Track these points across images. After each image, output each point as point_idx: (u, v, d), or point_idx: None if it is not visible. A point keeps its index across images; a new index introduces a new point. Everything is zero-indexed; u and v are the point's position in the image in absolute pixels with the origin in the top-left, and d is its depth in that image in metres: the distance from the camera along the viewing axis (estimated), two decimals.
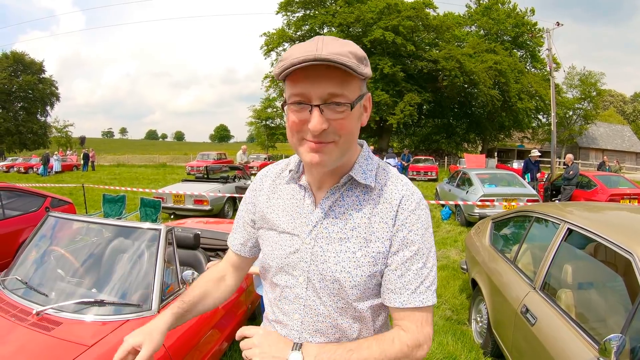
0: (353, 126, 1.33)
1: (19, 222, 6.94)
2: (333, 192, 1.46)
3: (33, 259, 3.76)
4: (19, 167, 35.47)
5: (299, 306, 1.47)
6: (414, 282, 1.38)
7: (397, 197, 1.41)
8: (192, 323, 3.40)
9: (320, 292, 1.43)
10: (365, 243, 1.39)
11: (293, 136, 1.35)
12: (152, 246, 3.49)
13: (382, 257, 1.39)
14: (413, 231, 1.38)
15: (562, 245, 3.50)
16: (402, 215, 1.39)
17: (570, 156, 15.28)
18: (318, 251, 1.43)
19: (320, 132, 1.26)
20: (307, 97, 1.25)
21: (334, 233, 1.42)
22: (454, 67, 38.66)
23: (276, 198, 1.60)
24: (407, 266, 1.38)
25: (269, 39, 46.08)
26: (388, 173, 1.49)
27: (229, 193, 12.48)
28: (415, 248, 1.38)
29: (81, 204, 12.32)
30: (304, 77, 1.24)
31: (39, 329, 2.83)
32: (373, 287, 1.42)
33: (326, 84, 1.23)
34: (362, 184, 1.44)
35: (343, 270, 1.39)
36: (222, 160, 34.71)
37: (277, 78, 1.31)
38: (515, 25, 48.18)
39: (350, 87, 1.27)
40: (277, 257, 1.52)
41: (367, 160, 1.49)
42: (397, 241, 1.38)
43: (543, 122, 49.60)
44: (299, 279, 1.47)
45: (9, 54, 63.76)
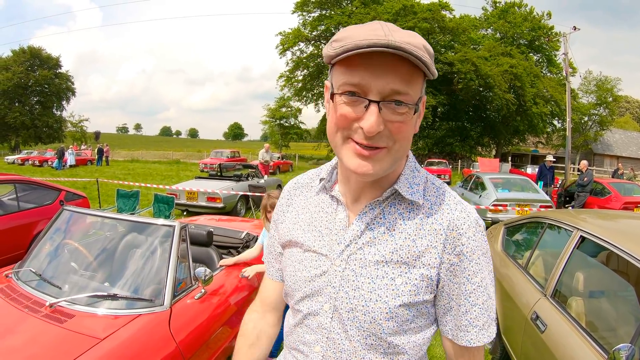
0: (410, 132, 1.14)
1: (34, 215, 7.00)
2: (372, 207, 1.25)
3: (47, 251, 3.80)
4: (34, 160, 35.72)
5: (321, 337, 1.28)
6: (481, 318, 1.21)
7: (450, 217, 1.20)
8: (202, 320, 3.42)
9: (348, 324, 1.22)
10: (408, 269, 1.18)
11: (337, 133, 1.14)
12: (165, 242, 3.52)
13: (426, 285, 1.19)
14: (474, 260, 1.19)
15: (575, 252, 3.48)
16: (459, 241, 1.18)
17: (584, 162, 15.17)
18: (349, 275, 1.22)
19: (374, 135, 1.07)
20: (364, 89, 1.06)
21: (371, 255, 1.21)
22: (469, 70, 38.53)
23: (304, 212, 1.41)
24: (471, 301, 1.20)
25: (284, 39, 46.17)
26: (438, 188, 1.28)
27: (242, 191, 12.48)
28: (478, 279, 1.20)
29: (95, 199, 12.40)
30: (365, 65, 1.04)
31: (51, 321, 2.85)
32: (412, 320, 1.21)
33: (391, 77, 1.04)
34: (407, 199, 1.24)
35: (379, 300, 1.18)
36: (235, 158, 34.84)
37: (328, 61, 1.13)
38: (531, 29, 47.85)
39: (415, 87, 1.09)
40: (300, 279, 1.33)
41: (413, 172, 1.28)
42: (456, 272, 1.19)
43: (558, 128, 49.23)
44: (324, 306, 1.27)
45: (26, 49, 64.28)
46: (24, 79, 62.37)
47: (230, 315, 3.88)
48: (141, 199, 10.78)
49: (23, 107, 63.52)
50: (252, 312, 1.67)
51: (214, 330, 3.53)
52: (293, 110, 55.38)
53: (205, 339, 3.38)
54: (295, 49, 46.58)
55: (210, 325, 3.51)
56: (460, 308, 1.20)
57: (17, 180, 7.26)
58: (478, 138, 49.35)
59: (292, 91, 49.51)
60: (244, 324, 1.65)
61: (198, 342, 3.27)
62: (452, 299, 1.21)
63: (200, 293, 3.54)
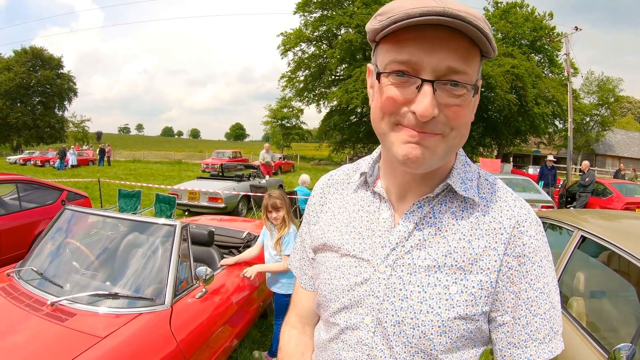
0: (468, 118, 0.99)
1: (35, 214, 7.01)
2: (421, 205, 1.09)
3: (49, 250, 3.82)
4: (36, 160, 35.70)
5: (361, 354, 1.11)
6: (542, 330, 1.03)
7: (510, 215, 1.04)
8: (203, 319, 3.44)
9: (393, 339, 1.06)
10: (463, 274, 1.02)
11: (383, 119, 0.99)
12: (167, 242, 3.53)
13: (486, 295, 1.02)
14: (537, 263, 1.02)
15: (575, 252, 3.48)
16: (520, 241, 1.02)
17: (586, 163, 15.16)
18: (396, 283, 1.06)
19: (429, 120, 0.93)
20: (415, 67, 0.91)
21: (420, 260, 1.05)
22: None
23: (340, 211, 1.25)
24: (533, 310, 1.02)
25: (286, 39, 46.14)
26: (493, 185, 1.12)
27: (244, 191, 12.49)
28: (541, 285, 1.03)
29: (97, 199, 12.41)
30: (416, 39, 0.90)
31: (53, 319, 2.86)
32: (467, 335, 1.04)
33: (447, 53, 0.89)
34: (460, 196, 1.08)
35: (430, 312, 1.02)
36: (237, 158, 34.86)
37: (373, 37, 1.00)
38: (533, 29, 47.75)
39: (475, 65, 0.95)
40: (337, 288, 1.17)
41: (465, 167, 1.12)
42: (514, 278, 1.02)
43: (560, 128, 49.16)
44: (365, 319, 1.10)
45: (28, 49, 64.43)
46: (26, 79, 62.47)
47: (231, 315, 3.89)
48: (143, 199, 10.77)
49: (25, 108, 63.64)
50: (291, 329, 1.45)
51: (214, 330, 3.54)
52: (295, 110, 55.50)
53: (206, 338, 3.39)
54: (296, 49, 46.59)
55: (211, 324, 3.52)
56: (519, 321, 1.03)
57: (19, 180, 7.28)
58: (480, 139, 49.28)
59: (293, 92, 49.49)
60: (285, 343, 1.44)
61: (199, 341, 3.28)
62: (507, 311, 1.04)
63: (201, 292, 3.55)
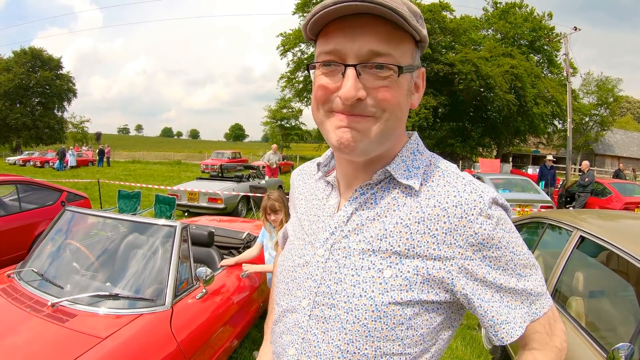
0: (400, 100, 0.99)
1: (35, 216, 7.01)
2: (363, 192, 1.10)
3: (49, 251, 3.83)
4: (35, 161, 35.69)
5: (296, 338, 1.12)
6: (525, 301, 1.04)
7: (456, 202, 1.01)
8: (204, 319, 3.45)
9: (328, 323, 1.06)
10: (399, 259, 1.01)
11: (318, 108, 1.04)
12: (167, 242, 3.54)
13: (421, 281, 1.00)
14: (502, 247, 1.01)
15: (574, 252, 3.49)
16: (472, 230, 0.99)
17: (586, 163, 15.13)
18: (332, 267, 1.08)
19: (353, 102, 0.95)
20: (340, 55, 0.96)
21: (355, 243, 1.06)
22: (470, 71, 38.44)
23: (301, 198, 1.32)
24: (513, 292, 1.03)
25: (285, 40, 46.14)
26: (443, 171, 1.09)
27: (243, 192, 12.51)
28: (512, 266, 1.02)
29: (96, 199, 12.41)
30: (340, 29, 0.95)
31: (53, 320, 2.87)
32: (408, 324, 1.01)
33: (368, 37, 0.93)
34: (403, 184, 1.07)
35: (364, 295, 1.01)
36: (236, 159, 34.85)
37: (307, 35, 1.03)
38: (532, 30, 47.73)
39: (401, 48, 0.97)
40: (284, 269, 1.23)
41: (414, 155, 1.11)
42: (475, 266, 1.00)
43: (559, 128, 49.14)
44: (302, 302, 1.12)
45: (27, 50, 64.37)
46: (25, 80, 62.42)
47: (232, 315, 3.90)
48: (142, 200, 10.78)
49: (24, 108, 63.58)
50: None
51: (215, 330, 3.54)
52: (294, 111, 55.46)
53: (206, 339, 3.40)
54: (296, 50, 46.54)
55: (212, 324, 3.53)
56: (502, 301, 1.03)
57: (18, 181, 7.28)
58: (479, 139, 49.25)
59: (293, 92, 49.49)
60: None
61: (199, 341, 3.29)
62: (490, 296, 1.02)
63: (201, 293, 3.56)
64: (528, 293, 1.04)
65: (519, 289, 1.03)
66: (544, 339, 1.08)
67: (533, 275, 1.06)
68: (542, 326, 1.07)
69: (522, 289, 1.03)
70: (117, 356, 2.64)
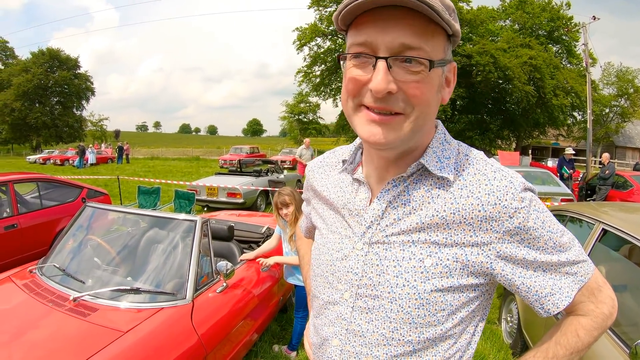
0: (431, 95, 0.99)
1: (56, 212, 7.12)
2: (396, 184, 1.10)
3: (70, 247, 3.86)
4: (55, 159, 36.14)
5: (339, 329, 1.15)
6: (570, 271, 1.07)
7: (488, 190, 1.03)
8: (224, 313, 3.46)
9: (372, 313, 1.09)
10: (437, 248, 1.04)
11: (348, 101, 1.03)
12: (187, 237, 3.55)
13: (461, 267, 1.03)
14: (538, 228, 1.02)
15: (596, 246, 3.44)
16: (506, 215, 1.01)
17: (606, 155, 14.91)
18: (373, 259, 1.10)
19: (384, 95, 0.95)
20: (372, 47, 0.95)
21: (395, 236, 1.08)
22: (488, 62, 38.05)
23: (328, 192, 1.29)
24: (555, 265, 1.05)
25: (301, 34, 45.96)
26: (472, 160, 1.10)
27: (262, 186, 12.56)
28: (552, 244, 1.04)
29: (116, 196, 12.50)
30: (372, 21, 0.94)
31: (75, 315, 2.90)
32: (450, 310, 1.06)
33: (400, 31, 0.92)
34: (436, 175, 1.08)
35: (407, 285, 1.04)
36: (255, 154, 34.93)
37: (338, 26, 1.02)
38: (550, 20, 47.06)
39: (432, 42, 0.96)
40: (322, 263, 1.24)
41: (443, 145, 1.12)
42: (513, 250, 1.03)
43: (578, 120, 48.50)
44: (344, 295, 1.15)
45: (45, 51, 65.25)
46: (44, 80, 63.43)
47: (252, 309, 3.91)
48: (162, 195, 10.85)
49: (43, 108, 64.62)
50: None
51: (235, 324, 3.55)
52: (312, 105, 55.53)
53: (226, 332, 3.41)
54: (312, 44, 46.32)
55: (232, 318, 3.54)
56: (546, 275, 1.05)
57: (39, 179, 7.39)
58: (498, 131, 48.79)
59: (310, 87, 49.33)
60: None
61: (220, 335, 3.30)
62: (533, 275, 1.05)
63: (222, 287, 3.56)
64: (571, 263, 1.07)
65: (561, 261, 1.06)
66: (588, 307, 1.11)
67: (572, 246, 1.09)
68: (586, 296, 1.10)
69: (564, 261, 1.06)
70: (138, 350, 2.66)
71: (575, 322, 1.11)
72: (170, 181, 14.66)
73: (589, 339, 1.10)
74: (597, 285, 1.12)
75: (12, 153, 63.16)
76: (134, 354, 2.61)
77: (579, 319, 1.11)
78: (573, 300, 1.07)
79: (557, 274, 1.06)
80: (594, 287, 1.11)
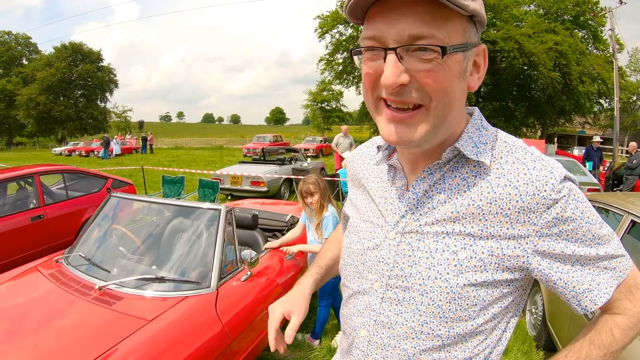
0: (450, 83, 0.92)
1: (82, 202, 7.22)
2: (431, 172, 1.07)
3: (95, 237, 3.91)
4: (80, 151, 36.68)
5: (368, 320, 1.13)
6: (609, 265, 1.02)
7: (527, 180, 0.98)
8: (248, 301, 3.47)
9: (402, 305, 1.06)
10: (473, 240, 1.00)
11: (368, 96, 1.00)
12: (212, 226, 3.56)
13: (496, 262, 0.99)
14: (577, 219, 0.97)
15: (625, 237, 3.35)
16: (544, 206, 0.96)
17: (634, 144, 14.55)
18: (405, 250, 1.07)
19: (396, 88, 0.90)
20: (382, 40, 0.90)
21: (428, 226, 1.05)
22: (512, 48, 37.51)
23: (365, 181, 1.27)
24: (594, 259, 1.00)
25: (323, 22, 45.78)
26: (511, 147, 1.05)
27: (286, 175, 12.57)
28: (590, 236, 0.98)
29: (141, 185, 12.62)
30: (380, 13, 0.90)
31: (100, 303, 2.94)
32: (482, 305, 1.02)
33: (407, 21, 0.86)
34: (472, 160, 1.04)
35: (439, 277, 1.01)
36: (278, 142, 35.01)
37: (352, 19, 0.98)
38: (576, 4, 46.07)
39: (446, 28, 0.88)
40: (353, 252, 1.20)
41: (479, 131, 1.07)
42: (551, 243, 0.98)
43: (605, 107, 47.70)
44: (374, 285, 1.12)
45: (68, 45, 66.29)
46: (67, 73, 64.60)
47: (276, 297, 3.88)
48: (186, 185, 10.94)
49: (68, 101, 65.77)
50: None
51: (259, 312, 3.56)
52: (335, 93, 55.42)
53: (250, 320, 3.42)
54: (334, 31, 46.07)
55: (256, 306, 3.54)
56: (584, 271, 1.00)
57: (65, 170, 7.49)
58: (523, 119, 48.17)
59: (332, 74, 49.16)
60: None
61: (244, 323, 3.32)
62: (570, 270, 1.00)
63: (246, 275, 3.57)
64: (610, 257, 1.02)
65: (600, 255, 1.00)
66: (625, 305, 1.05)
67: (611, 239, 1.03)
68: (624, 293, 1.05)
69: (603, 255, 1.01)
70: (162, 338, 2.68)
71: (611, 321, 1.06)
72: (194, 170, 14.74)
73: (624, 340, 1.05)
74: (635, 283, 1.06)
75: (38, 146, 64.42)
76: (158, 342, 2.63)
77: (614, 318, 1.06)
78: (611, 298, 1.02)
79: (595, 269, 1.01)
80: (632, 285, 1.06)
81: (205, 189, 10.12)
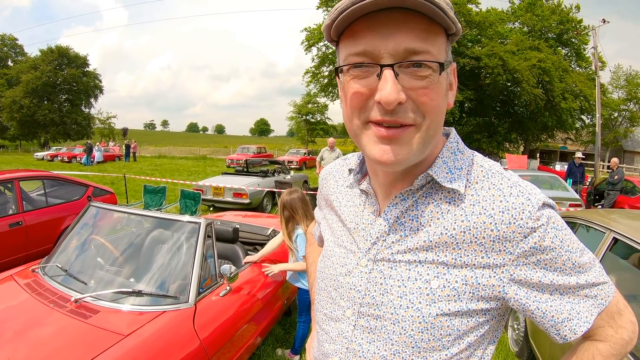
0: (441, 101, 0.91)
1: (61, 210, 7.13)
2: (404, 198, 1.03)
3: (73, 247, 3.86)
4: (63, 156, 36.36)
5: (340, 347, 1.11)
6: (589, 294, 0.99)
7: (503, 208, 0.94)
8: (227, 317, 3.44)
9: (374, 334, 1.04)
10: (446, 269, 0.97)
11: (353, 118, 0.94)
12: (191, 239, 3.53)
13: (470, 291, 0.96)
14: (556, 248, 0.94)
15: (607, 255, 3.38)
16: (521, 235, 0.92)
17: (615, 160, 14.75)
18: (377, 277, 1.04)
19: (395, 107, 0.86)
20: (373, 55, 0.86)
21: (400, 254, 1.02)
22: (496, 65, 37.93)
23: (337, 204, 1.24)
24: (574, 288, 0.97)
25: (309, 34, 45.96)
26: (488, 172, 1.01)
27: (268, 187, 12.54)
28: (570, 264, 0.95)
29: (122, 194, 12.56)
30: (369, 27, 0.85)
31: (76, 316, 2.89)
32: (456, 335, 0.99)
33: (403, 35, 0.83)
34: (446, 187, 1.00)
35: (411, 307, 0.98)
36: (262, 154, 35.06)
37: (329, 37, 0.95)
38: (559, 22, 46.81)
39: (436, 44, 0.87)
40: (327, 277, 1.19)
41: (455, 155, 1.04)
42: (528, 272, 0.95)
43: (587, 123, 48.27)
44: (346, 312, 1.10)
45: (54, 48, 65.78)
46: (53, 77, 64.01)
47: (256, 312, 3.88)
48: (168, 195, 10.90)
49: (52, 105, 65.12)
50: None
51: (238, 327, 3.53)
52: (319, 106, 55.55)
53: (229, 336, 3.38)
54: (320, 44, 46.30)
55: (235, 322, 3.51)
56: (563, 300, 0.97)
57: (45, 177, 7.40)
58: (506, 134, 48.55)
59: (318, 87, 49.31)
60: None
61: (222, 339, 3.28)
62: (549, 299, 0.97)
63: (225, 290, 3.54)
64: (591, 285, 0.99)
65: (580, 284, 0.98)
66: (607, 332, 1.03)
67: (592, 266, 1.01)
68: (606, 320, 1.03)
69: (583, 284, 0.98)
70: (139, 353, 2.63)
71: (593, 348, 1.04)
72: (177, 180, 14.69)
73: None
74: (617, 309, 1.04)
75: (20, 149, 63.81)
76: (134, 358, 2.58)
77: (596, 345, 1.04)
78: (592, 326, 1.00)
79: (575, 298, 0.98)
80: (614, 311, 1.04)
81: (187, 200, 10.07)
